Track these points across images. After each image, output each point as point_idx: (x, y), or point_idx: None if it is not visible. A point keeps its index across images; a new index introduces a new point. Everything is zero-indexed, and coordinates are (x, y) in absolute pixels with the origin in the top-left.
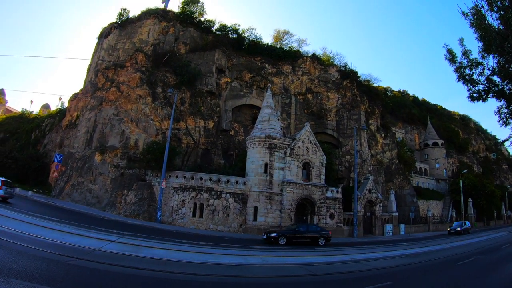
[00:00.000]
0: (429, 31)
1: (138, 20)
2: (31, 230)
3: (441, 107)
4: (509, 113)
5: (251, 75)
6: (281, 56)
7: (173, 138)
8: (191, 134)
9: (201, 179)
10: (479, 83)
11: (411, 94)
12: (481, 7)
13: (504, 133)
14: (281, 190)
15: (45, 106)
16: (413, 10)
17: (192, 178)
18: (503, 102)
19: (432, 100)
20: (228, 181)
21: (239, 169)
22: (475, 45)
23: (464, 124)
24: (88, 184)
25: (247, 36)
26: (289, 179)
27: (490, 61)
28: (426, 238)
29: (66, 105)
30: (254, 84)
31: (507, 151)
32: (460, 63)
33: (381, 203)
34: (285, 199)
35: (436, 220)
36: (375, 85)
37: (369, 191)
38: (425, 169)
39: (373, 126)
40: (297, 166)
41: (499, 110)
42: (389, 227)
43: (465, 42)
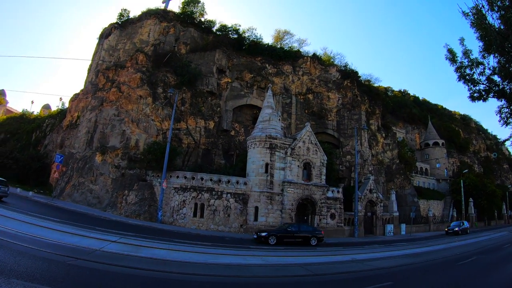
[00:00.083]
0: (429, 31)
1: (138, 20)
2: (32, 230)
3: (442, 107)
4: (509, 112)
5: (252, 75)
6: (282, 56)
7: (173, 138)
8: (191, 134)
9: (201, 179)
10: (480, 82)
11: (411, 94)
12: (482, 7)
13: (504, 133)
14: (282, 190)
15: (46, 106)
16: (413, 10)
17: (193, 178)
18: (503, 101)
19: (433, 100)
20: (228, 181)
21: (239, 169)
22: (475, 44)
23: (465, 124)
24: (88, 184)
25: (248, 36)
26: (289, 179)
27: (490, 61)
28: (427, 238)
29: (66, 105)
30: (255, 84)
31: (508, 151)
32: (461, 62)
33: (382, 203)
34: (286, 199)
35: (437, 220)
36: (375, 85)
37: (370, 191)
38: (426, 169)
39: (374, 126)
40: (298, 166)
41: (499, 110)
42: (390, 227)
43: (465, 42)
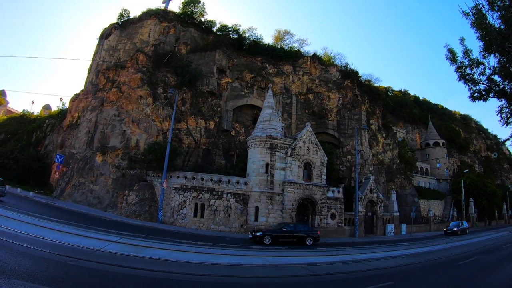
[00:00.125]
0: (430, 31)
1: (138, 20)
2: (32, 230)
3: (442, 106)
4: (510, 112)
5: (252, 75)
6: (282, 56)
7: (174, 139)
8: (192, 134)
9: (202, 179)
10: (480, 82)
11: (412, 94)
12: (482, 7)
13: (505, 133)
14: (282, 190)
15: (46, 106)
16: (414, 10)
17: (193, 178)
18: (504, 101)
19: (433, 100)
20: (229, 181)
21: (240, 169)
22: (476, 44)
23: (465, 123)
24: (89, 184)
25: (248, 36)
26: (290, 179)
27: (491, 61)
28: (428, 238)
29: (67, 105)
30: (255, 84)
31: (508, 151)
32: (461, 62)
33: (382, 203)
34: (286, 199)
35: (437, 220)
36: (376, 85)
37: (370, 191)
38: (426, 169)
39: (374, 126)
40: (298, 166)
41: (500, 110)
42: (390, 227)
43: (466, 42)
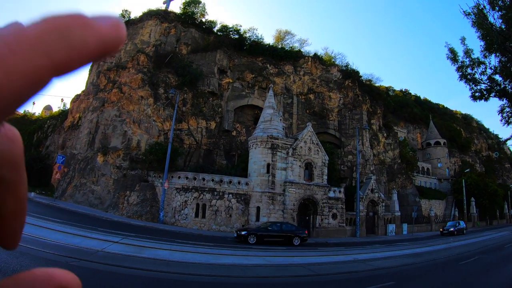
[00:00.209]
0: (431, 30)
1: (139, 21)
2: (34, 231)
3: (443, 106)
4: (511, 112)
5: (253, 76)
6: (283, 56)
7: (175, 139)
8: (193, 134)
9: (203, 179)
10: (481, 82)
11: (413, 94)
12: (483, 7)
13: (506, 132)
14: (284, 190)
15: (47, 107)
16: (414, 10)
17: (195, 178)
18: (505, 101)
19: (434, 99)
20: (230, 182)
21: (241, 169)
22: (477, 44)
23: (466, 123)
24: (90, 185)
25: (249, 36)
26: (291, 179)
27: (492, 60)
28: (429, 238)
29: (68, 106)
30: (256, 85)
31: (510, 150)
32: (462, 62)
33: (384, 202)
34: (287, 199)
35: (438, 219)
36: (377, 84)
37: (372, 190)
38: (428, 168)
39: (375, 125)
40: (299, 166)
41: (501, 109)
42: (391, 227)
43: (466, 42)
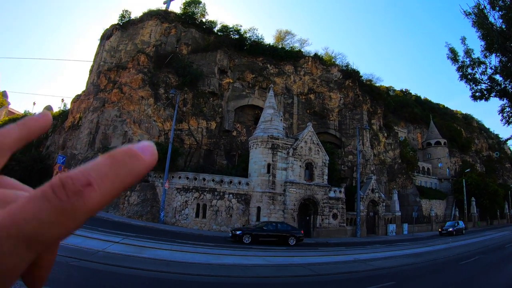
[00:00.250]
0: (431, 30)
1: (140, 21)
2: None
3: (444, 106)
4: (511, 111)
5: (253, 76)
6: (283, 56)
7: (175, 139)
8: (193, 135)
9: (204, 179)
10: (482, 82)
11: (413, 93)
12: (483, 7)
13: (507, 132)
14: (284, 190)
15: (48, 107)
16: (415, 9)
17: (195, 179)
18: (505, 101)
19: (435, 99)
20: (231, 182)
21: (241, 169)
22: (477, 44)
23: (467, 123)
24: None
25: (249, 36)
26: (292, 179)
27: (492, 60)
28: (429, 238)
29: (68, 106)
30: (256, 85)
31: (510, 150)
32: (463, 62)
33: (384, 202)
34: (288, 199)
35: (439, 219)
36: (377, 84)
37: (372, 190)
38: (428, 168)
39: (376, 125)
40: (300, 166)
41: (502, 109)
42: (392, 227)
43: (467, 41)
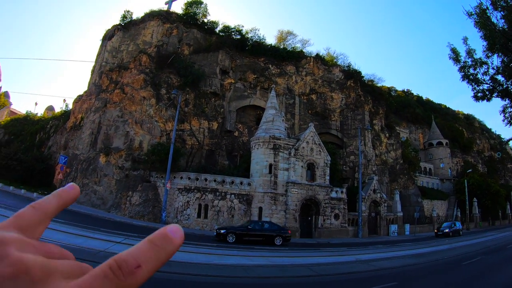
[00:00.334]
0: (433, 30)
1: (141, 22)
2: None
3: (445, 106)
4: None
5: (255, 76)
6: (285, 57)
7: (177, 139)
8: (195, 135)
9: (205, 180)
10: (484, 82)
11: (415, 94)
12: (486, 7)
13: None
14: (286, 191)
15: (50, 108)
16: (417, 10)
17: (197, 179)
18: (507, 101)
19: (436, 100)
20: (232, 182)
21: (243, 170)
22: (479, 44)
23: (469, 123)
24: (93, 185)
25: (251, 37)
26: (293, 179)
27: (494, 60)
28: (431, 238)
29: (70, 107)
30: (258, 85)
31: None
32: (464, 62)
33: (386, 203)
34: (289, 199)
35: (441, 220)
36: (379, 85)
37: (374, 191)
38: (430, 168)
39: (377, 126)
40: (302, 166)
41: (503, 109)
42: (394, 227)
43: (469, 41)
